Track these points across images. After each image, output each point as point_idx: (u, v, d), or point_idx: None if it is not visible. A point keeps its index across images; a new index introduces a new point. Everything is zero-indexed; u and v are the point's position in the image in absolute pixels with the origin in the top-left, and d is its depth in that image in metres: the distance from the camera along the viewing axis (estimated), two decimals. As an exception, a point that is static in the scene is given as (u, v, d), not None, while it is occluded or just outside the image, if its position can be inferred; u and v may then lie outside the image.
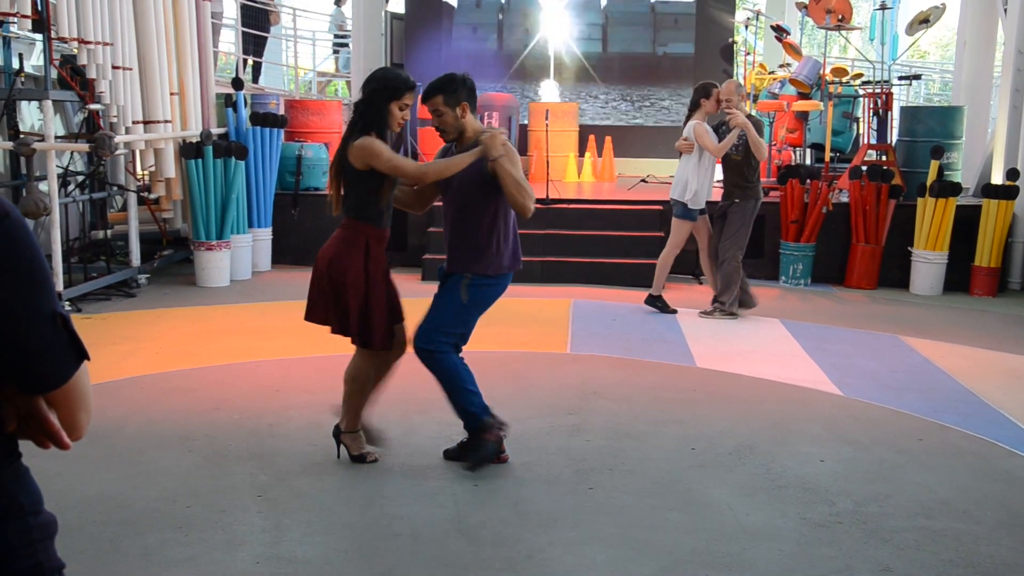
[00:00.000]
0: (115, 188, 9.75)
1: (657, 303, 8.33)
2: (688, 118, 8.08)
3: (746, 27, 15.42)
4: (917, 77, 13.46)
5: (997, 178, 10.17)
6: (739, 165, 7.97)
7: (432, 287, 4.99)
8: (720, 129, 8.02)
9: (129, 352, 6.78)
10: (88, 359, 1.53)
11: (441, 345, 4.71)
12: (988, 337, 7.77)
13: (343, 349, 6.97)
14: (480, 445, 4.63)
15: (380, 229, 4.64)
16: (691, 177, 7.92)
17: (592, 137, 13.36)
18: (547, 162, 11.14)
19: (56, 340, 1.49)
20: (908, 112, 11.13)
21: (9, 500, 1.53)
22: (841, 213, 9.99)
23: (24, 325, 1.45)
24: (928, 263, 9.68)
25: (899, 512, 4.27)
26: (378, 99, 4.41)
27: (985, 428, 5.44)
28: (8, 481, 1.54)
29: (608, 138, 13.36)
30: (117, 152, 8.56)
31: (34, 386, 1.50)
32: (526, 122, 13.30)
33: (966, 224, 9.77)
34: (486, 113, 12.70)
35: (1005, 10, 10.60)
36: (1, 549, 1.50)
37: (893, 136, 11.12)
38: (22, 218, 1.46)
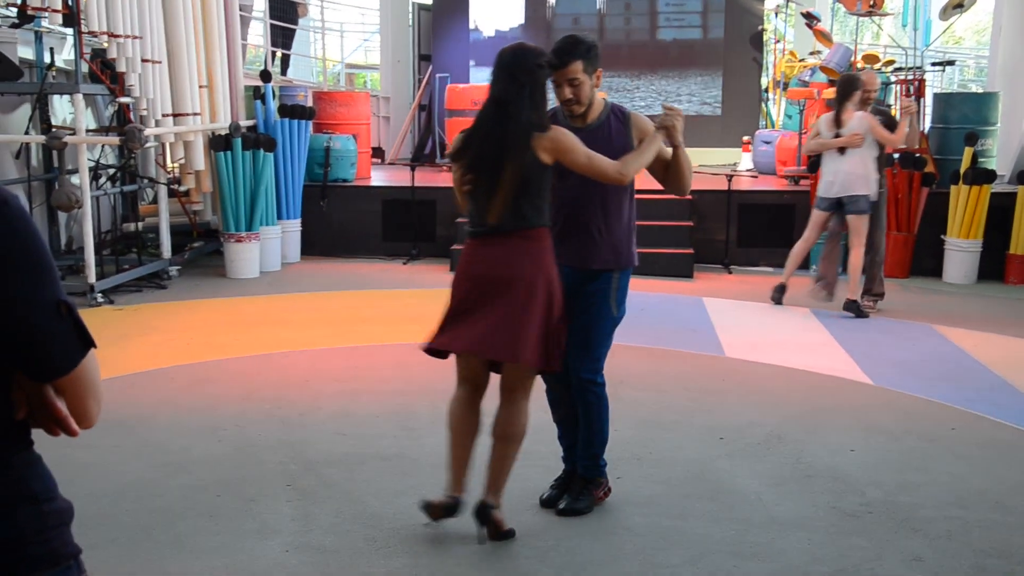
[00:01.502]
0: (145, 181, 9.84)
1: (854, 308, 7.92)
2: (840, 111, 7.71)
3: (776, 14, 15.31)
4: (951, 63, 13.31)
5: (1033, 165, 10.05)
6: (879, 157, 7.77)
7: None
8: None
9: (160, 343, 6.85)
10: (95, 347, 1.55)
11: (602, 375, 4.19)
12: (1023, 326, 7.67)
13: (371, 340, 7.03)
14: (587, 497, 4.15)
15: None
16: (871, 169, 7.62)
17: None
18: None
19: (61, 328, 1.51)
20: (941, 99, 11.00)
21: (22, 487, 1.56)
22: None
23: (28, 314, 1.47)
24: (962, 251, 9.57)
25: (931, 502, 4.24)
26: (542, 79, 3.68)
27: (1019, 417, 5.38)
28: (21, 468, 1.56)
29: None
30: (147, 145, 8.64)
31: (41, 374, 1.52)
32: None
33: (1001, 212, 9.65)
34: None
35: (1041, -7, 10.46)
36: (13, 535, 1.53)
37: (926, 123, 11.00)
38: (22, 206, 1.48)
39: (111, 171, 9.36)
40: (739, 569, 3.62)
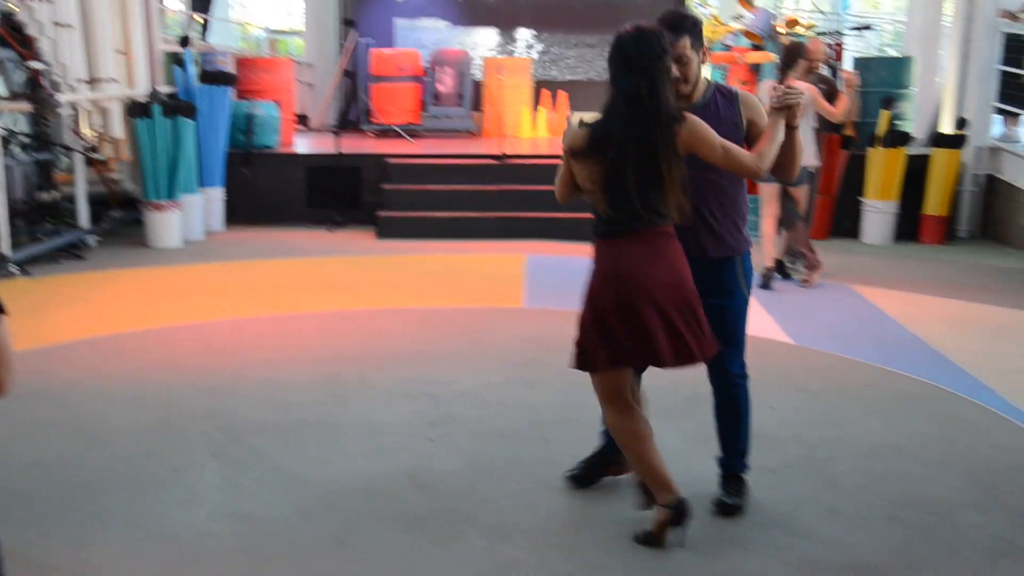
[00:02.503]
0: (60, 149, 9.58)
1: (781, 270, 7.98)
2: (782, 80, 7.53)
3: (699, -21, 15.38)
4: (869, 27, 13.53)
5: (946, 127, 10.29)
6: (818, 128, 7.73)
7: (388, 244, 4.86)
8: None
9: (80, 314, 6.71)
10: (6, 313, 1.52)
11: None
12: (937, 285, 7.90)
13: (297, 308, 6.98)
14: (744, 495, 3.90)
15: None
16: (809, 140, 7.49)
17: (545, 92, 13.30)
18: (501, 117, 11.10)
19: None
20: (860, 62, 11.19)
21: None
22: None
23: None
24: (879, 213, 9.80)
25: (847, 456, 4.36)
26: (669, 64, 3.38)
27: (932, 374, 5.55)
28: None
29: (561, 92, 13.33)
30: (61, 111, 8.41)
31: None
32: (479, 77, 13.22)
33: (916, 173, 9.89)
34: (438, 69, 12.60)
35: (955, -41, 10.67)
36: None
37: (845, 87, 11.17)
38: None
39: (23, 139, 9.10)
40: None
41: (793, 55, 7.65)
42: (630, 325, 3.40)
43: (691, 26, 3.56)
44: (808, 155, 7.50)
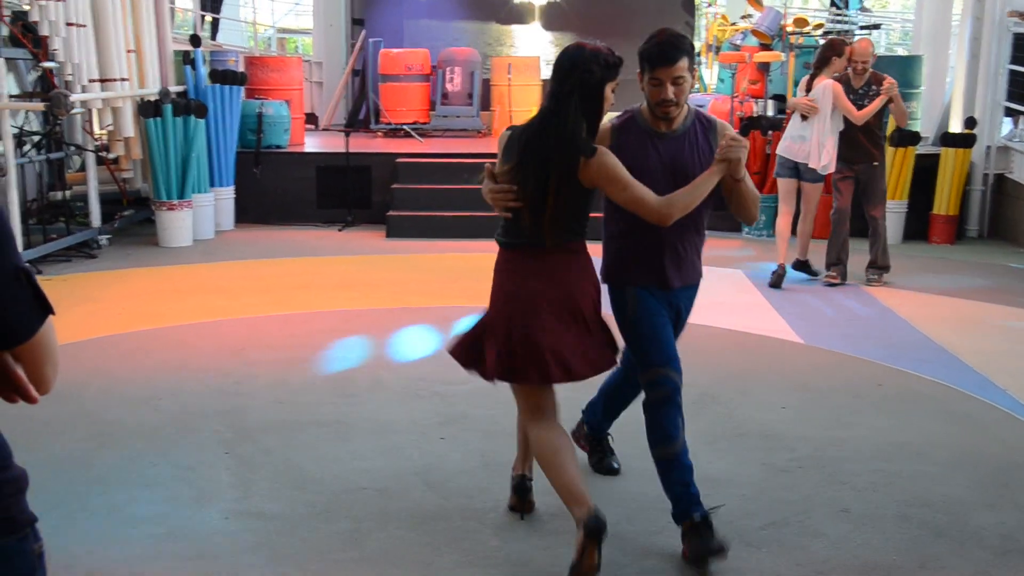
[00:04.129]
0: (72, 148, 9.62)
1: (805, 268, 7.95)
2: (814, 76, 7.53)
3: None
4: (877, 26, 13.50)
5: (955, 127, 10.27)
6: (873, 127, 7.54)
7: (397, 243, 4.87)
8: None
9: (91, 313, 6.74)
10: (53, 313, 1.54)
11: None
12: (946, 285, 7.89)
13: (307, 307, 6.99)
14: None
15: None
16: (827, 141, 7.36)
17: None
18: (510, 117, 11.10)
19: (20, 295, 1.49)
20: (868, 62, 11.15)
21: None
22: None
23: None
24: (888, 212, 9.75)
25: (857, 456, 4.36)
26: (598, 84, 3.28)
27: (941, 373, 5.55)
28: None
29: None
30: (73, 111, 8.44)
31: (1, 340, 1.50)
32: (488, 76, 13.22)
33: (925, 173, 9.87)
34: (447, 68, 12.61)
35: (964, -42, 10.64)
36: None
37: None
38: None
39: (36, 138, 9.13)
40: (673, 525, 3.69)
41: (826, 54, 7.52)
42: (522, 341, 3.35)
43: (689, 47, 3.47)
44: (815, 156, 7.46)
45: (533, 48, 14.17)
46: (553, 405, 3.53)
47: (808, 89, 7.52)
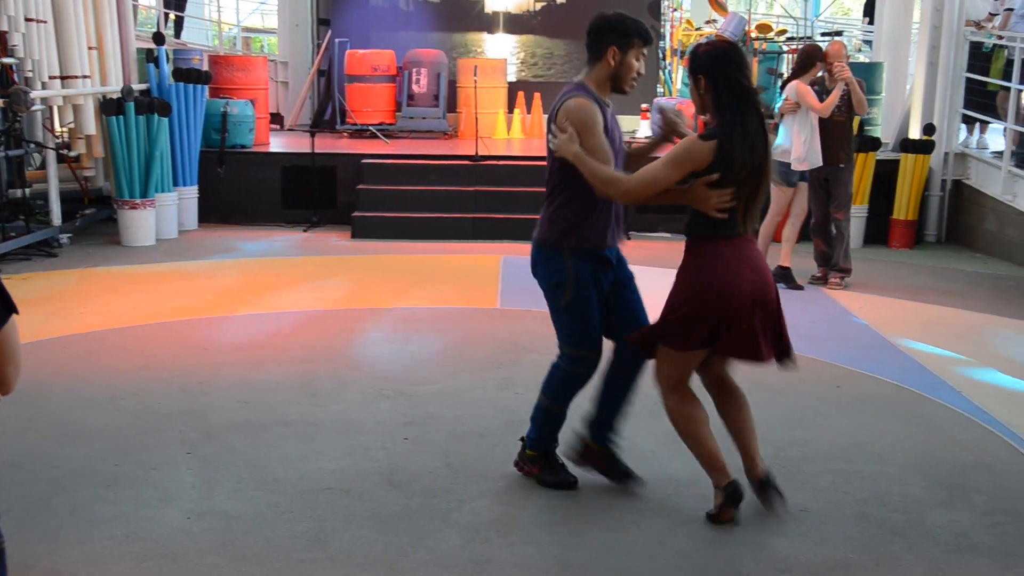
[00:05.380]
0: (32, 145, 9.51)
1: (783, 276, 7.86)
2: (791, 79, 7.74)
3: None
4: (839, 33, 13.70)
5: (915, 133, 10.42)
6: (843, 126, 7.70)
7: (362, 244, 4.88)
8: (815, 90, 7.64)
9: (53, 312, 6.67)
10: (16, 312, 1.54)
11: None
12: (904, 288, 8.00)
13: (272, 307, 6.97)
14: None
15: None
16: (794, 140, 7.54)
17: (521, 93, 13.34)
18: (476, 119, 11.12)
19: None
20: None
21: None
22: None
23: None
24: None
25: (817, 456, 4.43)
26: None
27: (899, 375, 5.63)
28: None
29: (537, 94, 13.36)
30: (33, 108, 8.35)
31: None
32: (454, 78, 13.22)
33: (885, 178, 10.01)
34: (413, 69, 12.60)
35: (923, -33, 10.81)
36: None
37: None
38: None
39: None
40: (637, 524, 3.74)
41: (811, 59, 7.67)
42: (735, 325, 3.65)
43: None
44: (786, 153, 7.57)
45: (500, 52, 14.18)
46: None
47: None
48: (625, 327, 3.97)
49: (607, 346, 4.01)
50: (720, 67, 3.56)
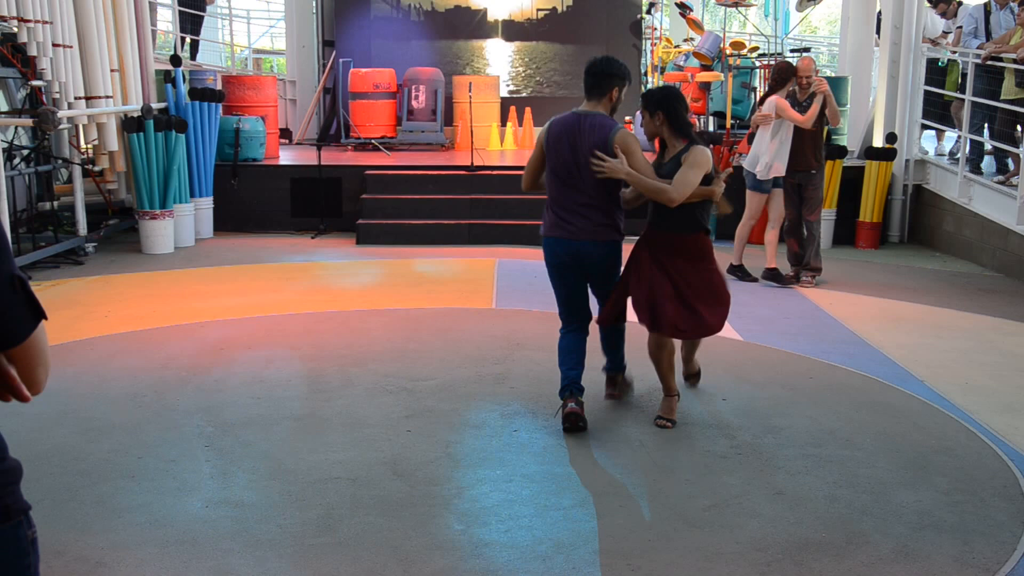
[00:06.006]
0: (60, 161, 9.48)
1: (737, 272, 8.03)
2: (768, 94, 7.82)
3: (653, 4, 15.47)
4: (807, 50, 13.63)
5: (878, 142, 10.43)
6: (816, 135, 7.72)
7: (366, 250, 4.87)
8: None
9: (79, 316, 6.64)
10: (46, 318, 1.53)
11: None
12: (871, 286, 8.00)
13: (282, 309, 6.95)
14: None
15: None
16: (765, 150, 7.60)
17: (513, 108, 13.33)
18: (472, 132, 11.11)
19: (15, 301, 1.48)
20: (799, 82, 11.27)
21: None
22: (741, 176, 10.14)
23: None
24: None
25: (791, 442, 4.42)
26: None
27: (867, 366, 5.63)
28: None
29: (528, 109, 13.35)
30: (60, 127, 8.33)
31: None
32: (451, 94, 13.20)
33: (851, 184, 10.01)
34: (412, 86, 12.58)
35: (883, -12, 10.81)
36: None
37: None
38: None
39: (25, 152, 8.99)
40: (624, 508, 3.73)
41: (786, 74, 7.72)
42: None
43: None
44: (754, 163, 7.62)
45: (495, 59, 14.16)
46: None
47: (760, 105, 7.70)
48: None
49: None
50: (671, 104, 4.47)
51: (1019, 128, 9.13)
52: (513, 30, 14.21)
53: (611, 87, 4.43)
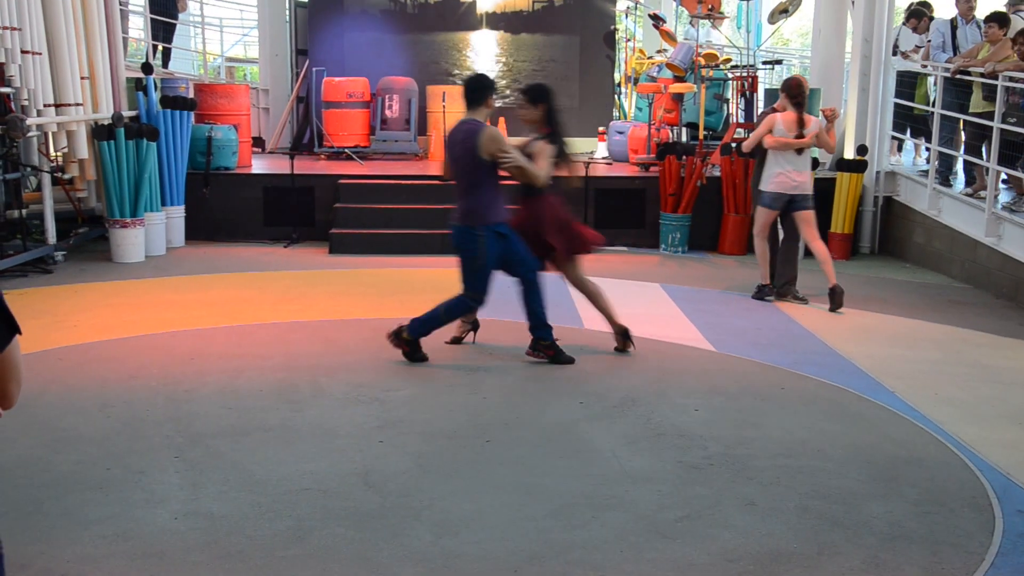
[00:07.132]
0: (29, 169, 9.37)
1: (766, 291, 7.87)
2: (767, 113, 7.83)
3: (626, 15, 15.56)
4: (779, 62, 13.80)
5: (849, 154, 10.53)
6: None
7: (339, 259, 4.83)
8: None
9: (47, 325, 6.56)
10: (20, 333, 1.50)
11: None
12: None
13: (254, 319, 6.90)
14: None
15: None
16: (785, 169, 7.56)
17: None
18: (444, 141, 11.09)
19: None
20: (771, 94, 11.39)
21: None
22: (714, 186, 10.22)
23: None
24: (790, 231, 9.94)
25: (763, 453, 4.44)
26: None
27: (838, 377, 5.67)
28: None
29: (502, 119, 13.37)
30: (29, 134, 8.24)
31: None
32: (424, 104, 13.18)
33: (823, 195, 10.07)
34: (386, 96, 12.56)
35: (853, 2, 10.92)
36: None
37: (758, 116, 11.37)
38: None
39: (-7, 159, 8.88)
40: (596, 519, 3.73)
41: (803, 91, 7.72)
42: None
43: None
44: (811, 183, 7.64)
45: (482, 57, 14.16)
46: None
47: (801, 126, 7.57)
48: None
49: None
50: (550, 99, 5.88)
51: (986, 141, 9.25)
52: (491, 38, 14.23)
53: (486, 97, 5.70)
